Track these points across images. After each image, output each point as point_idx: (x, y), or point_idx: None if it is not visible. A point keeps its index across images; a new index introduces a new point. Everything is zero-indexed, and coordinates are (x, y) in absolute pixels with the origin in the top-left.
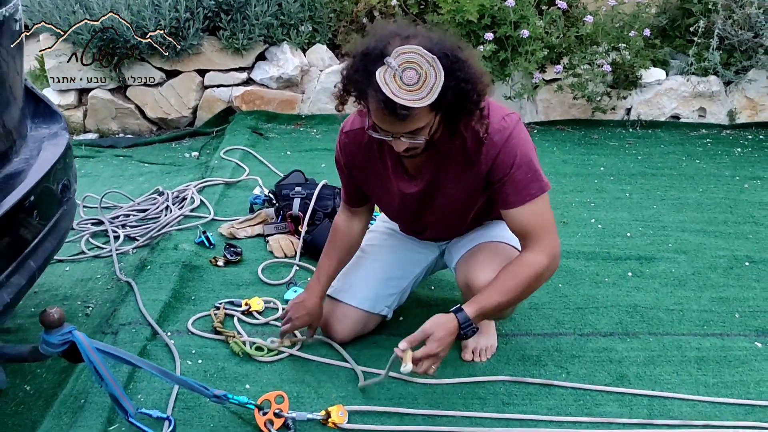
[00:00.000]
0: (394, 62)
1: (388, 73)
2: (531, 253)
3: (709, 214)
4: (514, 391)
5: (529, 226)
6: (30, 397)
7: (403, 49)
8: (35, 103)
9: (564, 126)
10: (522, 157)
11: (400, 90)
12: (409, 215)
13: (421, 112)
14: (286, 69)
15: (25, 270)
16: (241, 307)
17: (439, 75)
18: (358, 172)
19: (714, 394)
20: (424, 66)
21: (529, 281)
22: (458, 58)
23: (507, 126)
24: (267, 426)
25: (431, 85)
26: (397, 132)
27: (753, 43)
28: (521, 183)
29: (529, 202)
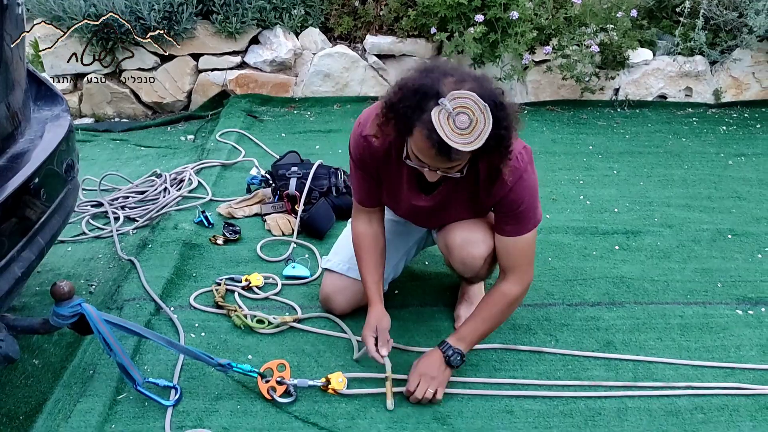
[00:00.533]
0: (450, 105)
1: (442, 115)
2: (508, 284)
3: (694, 190)
4: (505, 357)
5: (515, 257)
6: (38, 370)
7: (458, 93)
8: (37, 85)
9: (553, 106)
10: (529, 198)
11: (453, 133)
12: (413, 219)
13: (465, 155)
14: (279, 52)
15: (34, 246)
16: (242, 283)
17: (488, 122)
18: (373, 172)
19: (696, 358)
20: (476, 113)
21: (505, 309)
22: (503, 106)
23: (519, 167)
24: (270, 393)
25: (480, 132)
26: (437, 167)
27: (738, 23)
28: (522, 220)
29: (523, 235)
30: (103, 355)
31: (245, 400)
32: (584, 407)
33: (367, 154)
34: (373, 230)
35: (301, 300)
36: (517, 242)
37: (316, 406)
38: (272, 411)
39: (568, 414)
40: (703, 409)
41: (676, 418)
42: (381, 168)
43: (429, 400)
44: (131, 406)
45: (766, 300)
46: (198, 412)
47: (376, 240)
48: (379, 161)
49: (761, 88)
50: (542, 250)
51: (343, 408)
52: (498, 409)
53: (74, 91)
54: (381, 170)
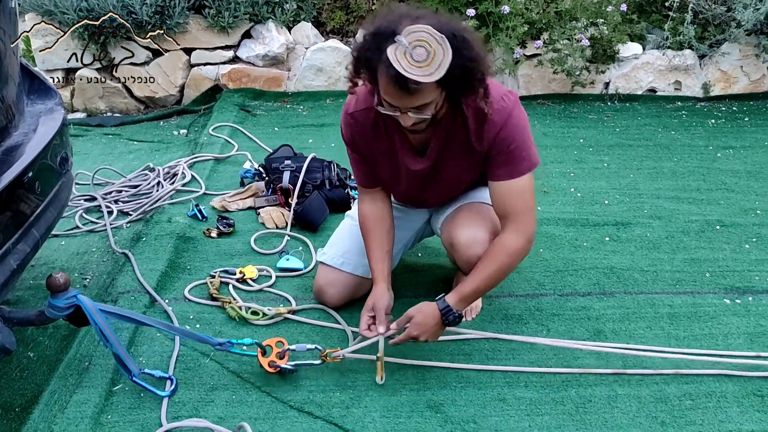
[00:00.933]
0: (405, 40)
1: (399, 51)
2: (508, 234)
3: (683, 182)
4: (497, 347)
5: (512, 204)
6: (33, 363)
7: (413, 28)
8: (30, 79)
9: (545, 100)
10: (519, 137)
11: (411, 66)
12: (414, 192)
13: (428, 88)
14: (271, 47)
15: (29, 238)
16: (236, 275)
17: (447, 53)
18: (366, 150)
19: (685, 346)
20: (433, 44)
21: (506, 264)
22: (465, 39)
23: (507, 106)
24: (271, 366)
25: (439, 62)
26: (405, 107)
27: (726, 17)
28: (515, 160)
29: (517, 178)
30: (98, 347)
31: (240, 390)
32: (575, 395)
33: (357, 131)
34: (377, 208)
35: (295, 292)
36: (512, 186)
37: (311, 395)
38: (267, 401)
39: (559, 401)
40: (691, 395)
41: (665, 404)
42: (372, 144)
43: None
44: (127, 397)
45: (754, 289)
46: (193, 403)
47: (381, 218)
48: (368, 136)
49: (749, 81)
50: (534, 241)
51: (338, 397)
52: (491, 397)
53: (66, 86)
54: (373, 146)
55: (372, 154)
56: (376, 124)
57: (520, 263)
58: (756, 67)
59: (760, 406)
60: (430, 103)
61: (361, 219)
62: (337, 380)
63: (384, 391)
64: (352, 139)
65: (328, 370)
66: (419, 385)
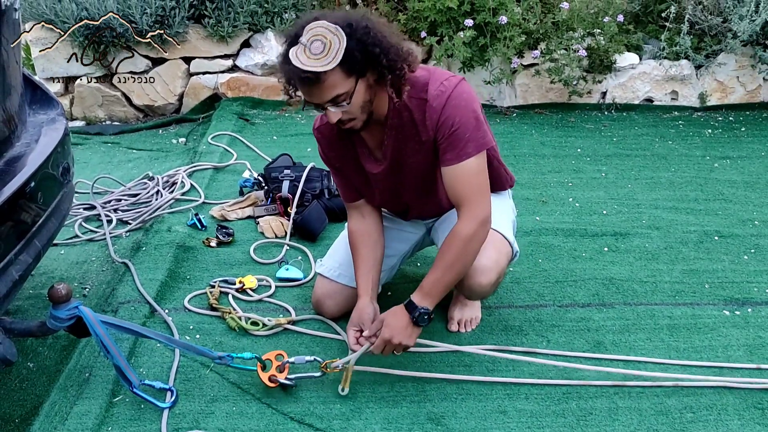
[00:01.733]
0: (304, 39)
1: (299, 50)
2: (461, 222)
3: (681, 192)
4: (498, 358)
5: (460, 189)
6: (33, 374)
7: (310, 26)
8: (32, 89)
9: (542, 109)
10: (461, 117)
11: (309, 60)
12: (390, 197)
13: (333, 77)
14: (270, 56)
15: (31, 249)
16: (236, 285)
17: (341, 40)
18: (338, 162)
19: (685, 358)
20: (328, 36)
21: (462, 252)
22: (365, 27)
23: (445, 90)
24: (271, 380)
25: (335, 51)
26: (322, 101)
27: (722, 28)
28: (459, 142)
29: (464, 160)
30: (98, 358)
31: (241, 401)
32: (576, 407)
33: (325, 145)
34: (365, 224)
35: (294, 302)
36: (460, 170)
37: (312, 407)
38: (268, 412)
39: (560, 414)
40: (692, 408)
41: (665, 417)
42: (340, 154)
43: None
44: (127, 409)
45: (753, 300)
46: (194, 414)
47: (367, 233)
48: (335, 148)
49: (746, 91)
50: (533, 251)
51: (339, 409)
52: (491, 410)
53: (66, 94)
54: (341, 157)
55: (343, 165)
56: (341, 136)
57: (520, 273)
58: (752, 78)
59: (761, 418)
60: (344, 93)
61: (350, 236)
62: (337, 392)
63: (384, 403)
64: (325, 154)
65: (328, 382)
66: (420, 397)
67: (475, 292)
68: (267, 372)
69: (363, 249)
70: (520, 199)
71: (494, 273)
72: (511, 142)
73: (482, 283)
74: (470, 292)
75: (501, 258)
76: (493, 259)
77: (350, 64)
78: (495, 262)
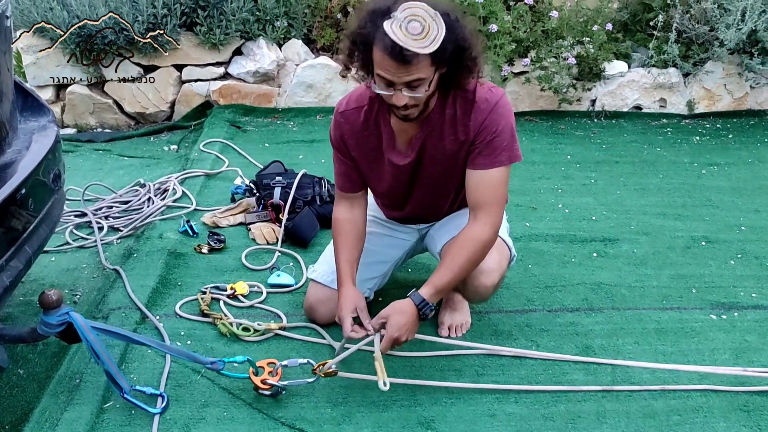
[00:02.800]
0: (401, 15)
1: (395, 24)
2: (477, 225)
3: (669, 198)
4: (487, 363)
5: (485, 194)
6: (23, 380)
7: (408, 4)
8: (24, 96)
9: (532, 117)
10: (503, 126)
11: (407, 38)
12: (398, 189)
13: (422, 62)
14: (262, 63)
15: (22, 255)
16: (227, 291)
17: (441, 28)
18: (353, 149)
19: (672, 361)
20: (427, 19)
21: (476, 256)
22: (458, 19)
23: (492, 96)
24: (264, 384)
25: (434, 36)
26: (400, 81)
27: (709, 37)
28: (496, 149)
29: (496, 167)
30: (89, 364)
31: (232, 407)
32: (564, 410)
33: (346, 130)
34: (352, 216)
35: (286, 308)
36: (489, 176)
37: (303, 412)
38: (259, 417)
39: (549, 417)
40: (678, 411)
41: (653, 420)
42: (360, 142)
43: None
44: (118, 414)
45: (739, 305)
46: (185, 420)
47: (354, 224)
48: (357, 135)
49: (733, 99)
50: (523, 257)
51: (329, 414)
52: (481, 413)
53: (57, 102)
54: (361, 145)
55: (358, 152)
56: (366, 122)
57: (510, 278)
58: (739, 85)
59: (746, 421)
60: (423, 79)
61: (335, 222)
62: (328, 396)
63: (375, 408)
64: (341, 139)
65: (319, 386)
66: (410, 402)
67: (478, 294)
68: (259, 377)
69: (348, 238)
70: (510, 205)
71: (497, 274)
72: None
73: (486, 284)
74: (473, 293)
75: (503, 260)
76: (496, 261)
77: (440, 53)
78: (498, 263)
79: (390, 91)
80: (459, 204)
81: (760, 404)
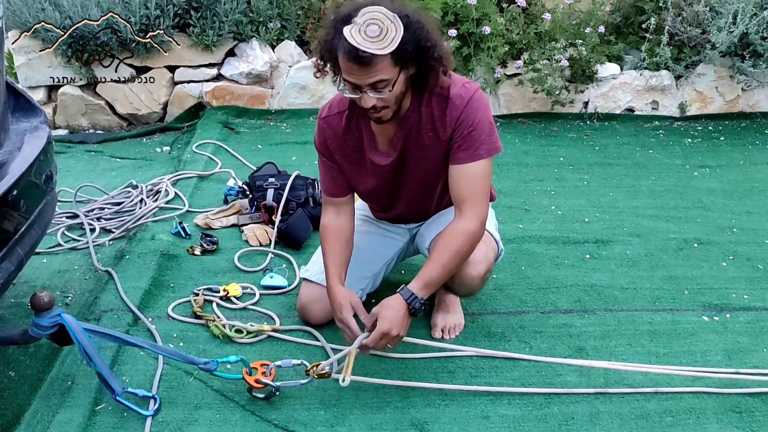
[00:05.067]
0: (360, 19)
1: (354, 29)
2: (463, 219)
3: (661, 200)
4: (481, 364)
5: (467, 188)
6: (14, 382)
7: (367, 9)
8: (15, 97)
9: (525, 119)
10: (479, 119)
11: (364, 41)
12: (383, 190)
13: (383, 62)
14: (255, 65)
15: (13, 256)
16: (220, 293)
17: (398, 29)
18: (336, 152)
19: (664, 363)
20: (385, 22)
21: (464, 249)
22: (418, 20)
23: (467, 91)
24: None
25: (391, 38)
26: (364, 83)
27: (701, 39)
28: (474, 143)
29: (476, 161)
30: (81, 366)
31: (225, 409)
32: (558, 412)
33: (329, 134)
34: (339, 222)
35: (279, 309)
36: (468, 169)
37: (296, 414)
38: (251, 420)
39: (542, 419)
40: (671, 412)
41: (645, 421)
42: (343, 145)
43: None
44: (110, 417)
45: (731, 306)
46: (177, 422)
47: (341, 231)
48: (339, 138)
49: (724, 101)
50: (516, 258)
51: (322, 416)
52: (474, 415)
53: (48, 103)
54: (343, 147)
55: (342, 156)
56: (348, 125)
57: (503, 279)
58: (730, 88)
59: (739, 422)
60: (386, 80)
61: (323, 228)
62: (321, 398)
63: (368, 409)
64: (324, 143)
65: (312, 388)
66: (403, 403)
67: (465, 285)
68: (253, 376)
69: (335, 242)
70: (503, 207)
71: (484, 266)
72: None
73: (473, 275)
74: (461, 284)
75: (489, 253)
76: (483, 253)
77: (401, 53)
78: (485, 255)
79: (357, 94)
80: (447, 202)
81: (752, 405)
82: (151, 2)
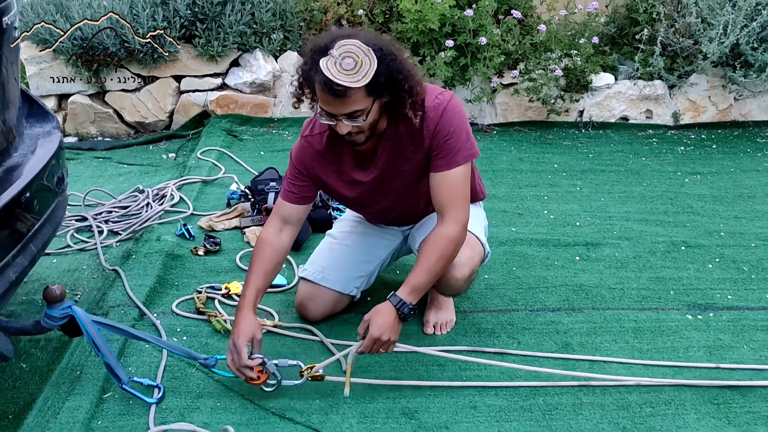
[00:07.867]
0: (336, 52)
1: (330, 61)
2: (447, 224)
3: (652, 205)
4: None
5: (447, 194)
6: (26, 373)
7: (343, 42)
8: (29, 104)
9: (521, 127)
10: (455, 128)
11: (340, 74)
12: (365, 202)
13: (357, 95)
14: (258, 75)
15: (27, 252)
16: (222, 291)
17: (372, 62)
18: (316, 169)
19: (648, 358)
20: (360, 55)
21: (448, 253)
22: (392, 53)
23: (441, 101)
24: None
25: (365, 71)
26: (339, 113)
27: (693, 50)
28: (451, 151)
29: (453, 168)
30: (89, 357)
31: (225, 398)
32: (542, 403)
33: (309, 153)
34: (279, 240)
35: (278, 307)
36: (447, 177)
37: (292, 402)
38: (250, 407)
39: (527, 409)
40: (651, 403)
41: (626, 411)
42: (323, 162)
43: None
44: (117, 404)
45: (715, 306)
46: (180, 409)
47: (277, 251)
48: (320, 157)
49: (717, 111)
50: (507, 260)
51: (317, 404)
52: (462, 405)
53: (58, 111)
54: (323, 164)
55: (323, 173)
56: (329, 145)
57: (495, 279)
58: (723, 97)
59: (716, 413)
60: (361, 110)
61: (259, 242)
62: (316, 388)
63: (361, 399)
64: (303, 161)
65: None
66: (394, 393)
67: (450, 287)
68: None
69: (264, 263)
70: (497, 211)
71: (468, 268)
72: (490, 158)
73: (457, 277)
74: (446, 286)
75: (474, 256)
76: (467, 256)
77: (374, 85)
78: (469, 258)
79: (332, 121)
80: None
81: (730, 398)
82: (158, 14)
